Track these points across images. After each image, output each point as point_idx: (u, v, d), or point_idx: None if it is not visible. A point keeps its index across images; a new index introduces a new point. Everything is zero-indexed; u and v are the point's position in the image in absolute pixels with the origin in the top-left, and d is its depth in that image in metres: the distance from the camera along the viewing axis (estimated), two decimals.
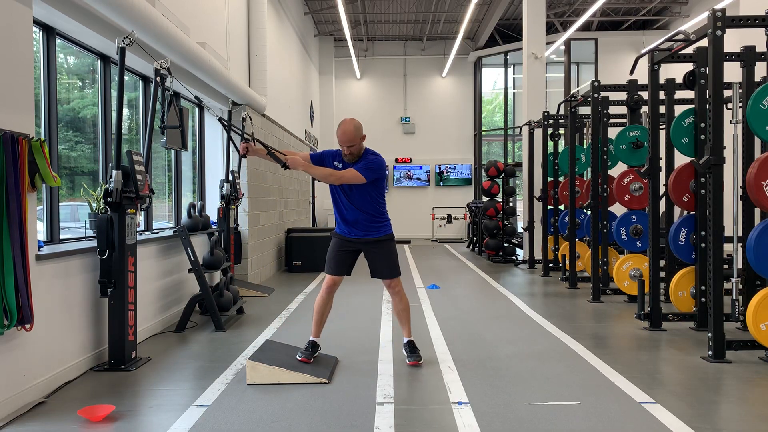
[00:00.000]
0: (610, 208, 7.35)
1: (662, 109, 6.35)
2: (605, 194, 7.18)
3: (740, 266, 5.16)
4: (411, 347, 4.50)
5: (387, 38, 18.55)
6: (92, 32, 4.67)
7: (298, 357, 4.22)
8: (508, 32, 17.53)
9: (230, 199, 7.30)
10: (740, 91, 5.02)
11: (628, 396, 3.71)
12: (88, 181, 5.36)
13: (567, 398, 3.66)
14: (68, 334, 4.18)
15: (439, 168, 18.84)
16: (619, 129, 7.17)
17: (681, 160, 5.83)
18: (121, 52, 4.38)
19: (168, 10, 5.61)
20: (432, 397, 3.74)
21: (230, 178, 7.38)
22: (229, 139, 4.58)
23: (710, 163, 4.59)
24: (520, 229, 13.49)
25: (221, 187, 7.26)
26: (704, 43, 4.79)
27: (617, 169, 7.92)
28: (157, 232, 6.11)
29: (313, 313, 4.46)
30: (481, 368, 4.33)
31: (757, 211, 5.38)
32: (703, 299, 5.46)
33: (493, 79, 19.28)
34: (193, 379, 4.21)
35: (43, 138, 3.94)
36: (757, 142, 5.31)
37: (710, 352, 4.54)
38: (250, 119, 8.09)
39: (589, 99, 7.34)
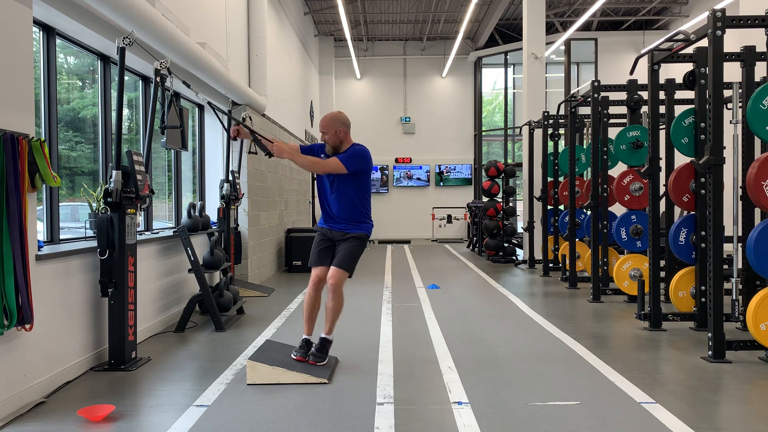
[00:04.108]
0: (610, 208, 7.35)
1: (662, 109, 6.36)
2: (605, 194, 7.18)
3: (740, 266, 5.16)
4: (321, 345, 4.28)
5: (387, 38, 18.55)
6: (92, 32, 4.67)
7: (293, 356, 4.22)
8: (508, 32, 17.53)
9: (230, 199, 7.30)
10: (740, 91, 5.02)
11: (628, 396, 3.71)
12: (88, 181, 5.36)
13: (567, 398, 3.66)
14: (68, 334, 4.18)
15: (439, 168, 18.83)
16: (619, 129, 7.17)
17: (681, 160, 5.83)
18: (121, 52, 4.38)
19: (168, 10, 5.61)
20: (432, 397, 3.74)
21: (230, 178, 7.38)
22: (222, 124, 4.72)
23: (710, 163, 4.59)
24: (520, 229, 13.49)
25: (221, 187, 7.26)
26: (704, 43, 4.79)
27: (617, 169, 7.93)
28: (157, 232, 6.11)
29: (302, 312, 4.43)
30: (481, 368, 4.33)
31: (757, 211, 5.38)
32: (703, 299, 5.46)
33: (493, 79, 19.28)
34: (193, 379, 4.21)
35: (43, 138, 3.95)
36: (757, 142, 5.31)
37: (710, 352, 4.54)
38: (250, 119, 8.08)
39: (589, 99, 7.34)
